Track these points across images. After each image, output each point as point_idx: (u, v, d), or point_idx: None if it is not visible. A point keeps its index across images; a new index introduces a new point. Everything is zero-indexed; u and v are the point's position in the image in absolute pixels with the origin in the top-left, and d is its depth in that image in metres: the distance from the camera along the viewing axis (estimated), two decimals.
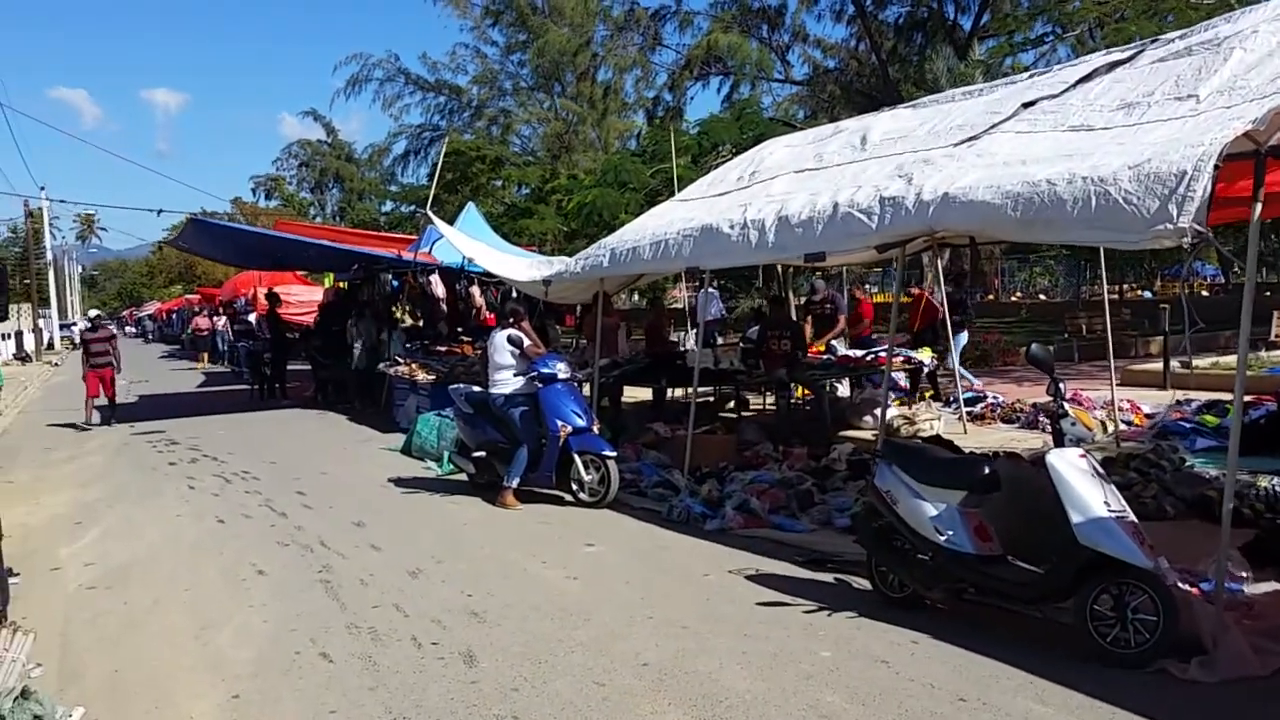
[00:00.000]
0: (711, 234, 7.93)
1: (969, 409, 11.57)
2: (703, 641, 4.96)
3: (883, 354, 10.76)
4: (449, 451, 9.91)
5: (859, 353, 12.16)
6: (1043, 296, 36.70)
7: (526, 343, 8.68)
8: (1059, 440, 4.69)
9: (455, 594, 5.94)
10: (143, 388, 22.83)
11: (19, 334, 41.25)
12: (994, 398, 12.17)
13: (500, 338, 8.77)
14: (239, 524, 8.21)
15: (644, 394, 12.72)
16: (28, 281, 44.61)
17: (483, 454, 8.82)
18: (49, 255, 53.29)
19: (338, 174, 60.77)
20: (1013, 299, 36.77)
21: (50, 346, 46.84)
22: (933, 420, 10.55)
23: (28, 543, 7.70)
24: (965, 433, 10.62)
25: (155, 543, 7.65)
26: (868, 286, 40.70)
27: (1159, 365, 14.30)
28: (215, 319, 28.98)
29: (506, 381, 8.71)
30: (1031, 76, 7.37)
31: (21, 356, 38.41)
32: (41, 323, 45.53)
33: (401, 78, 46.12)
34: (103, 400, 15.40)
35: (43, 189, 57.84)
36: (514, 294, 14.76)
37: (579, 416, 8.40)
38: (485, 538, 7.38)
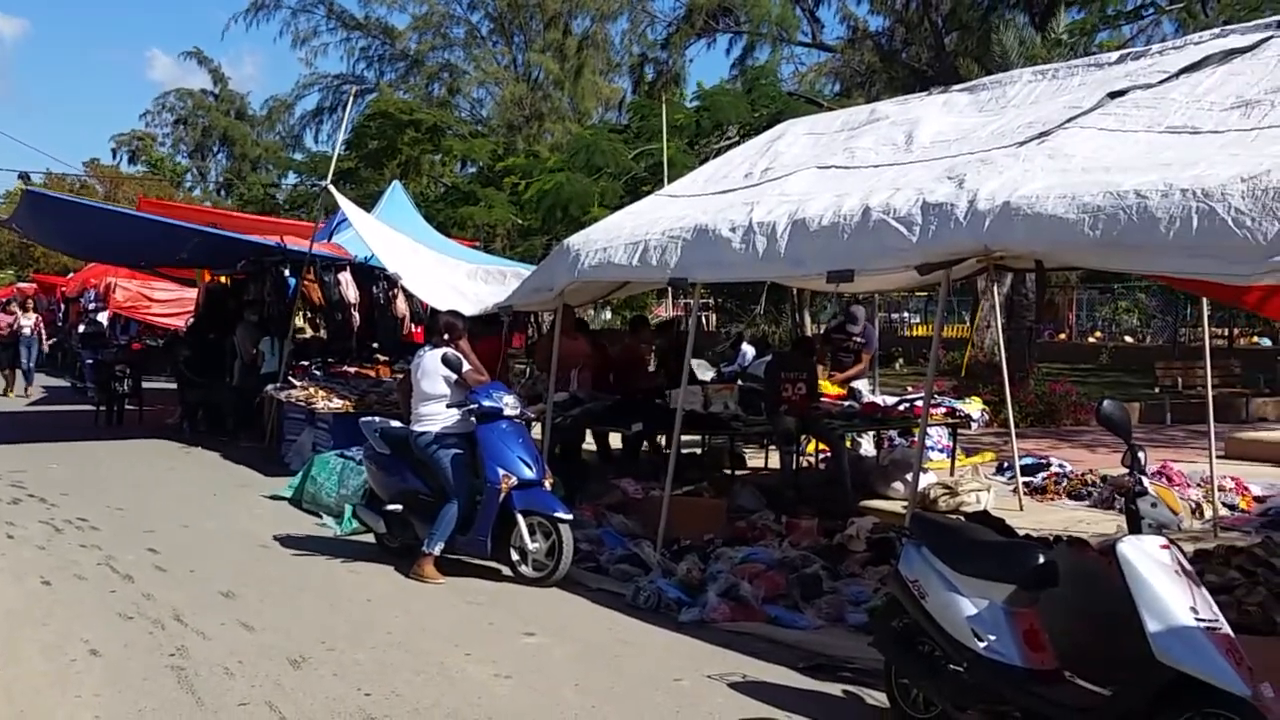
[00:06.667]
0: (706, 237, 8.01)
1: (1028, 479, 11.67)
2: None
3: (918, 403, 10.83)
4: (353, 504, 9.88)
5: (891, 400, 12.25)
6: (1129, 339, 36.91)
7: (466, 366, 8.68)
8: (1135, 525, 4.72)
9: (349, 691, 5.93)
10: None
11: None
12: (1060, 466, 12.28)
13: (431, 359, 8.77)
14: (70, 587, 8.16)
15: (611, 440, 12.73)
16: None
17: (399, 508, 8.78)
18: None
19: (225, 134, 60.70)
20: (1090, 340, 37.02)
21: None
22: (980, 492, 10.62)
23: None
24: (1021, 509, 10.70)
25: None
26: (906, 316, 41.03)
27: (1277, 434, 14.44)
28: (19, 313, 25.42)
29: (436, 416, 8.72)
30: (1123, 58, 7.53)
31: None
32: None
33: (321, 8, 46.07)
34: None
35: None
36: None
37: (527, 466, 8.40)
38: (394, 619, 7.36)
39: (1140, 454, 5.02)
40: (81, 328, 26.06)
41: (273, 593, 8.02)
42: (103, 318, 25.13)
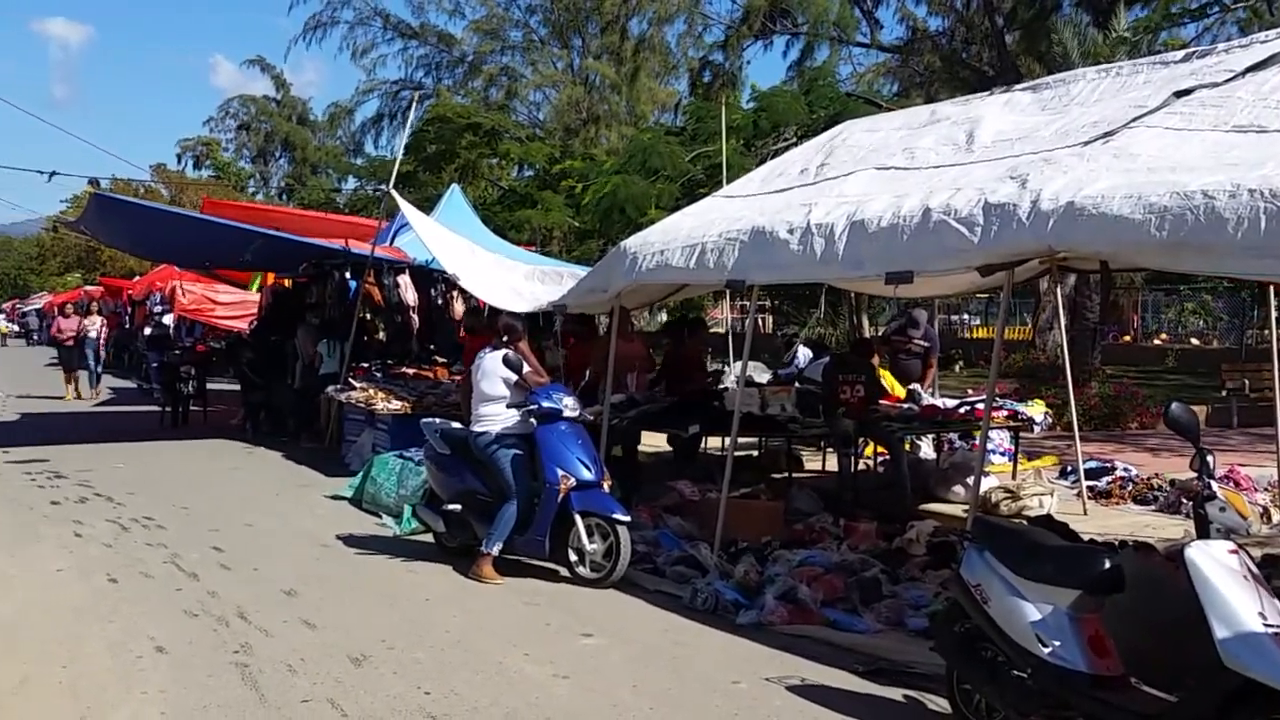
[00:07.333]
0: (763, 239, 7.98)
1: (1092, 483, 11.52)
2: None
3: (979, 406, 10.73)
4: (412, 504, 9.95)
5: (951, 402, 12.15)
6: (1195, 341, 36.36)
7: (526, 368, 8.73)
8: (1203, 529, 4.65)
9: (409, 690, 5.97)
10: (24, 403, 23.05)
11: None
12: (1125, 470, 12.11)
13: (492, 360, 8.82)
14: (136, 584, 8.28)
15: (666, 442, 12.72)
16: None
17: (458, 508, 8.83)
18: None
19: (287, 140, 61.51)
20: (1155, 342, 36.52)
21: None
22: (1043, 495, 10.50)
23: None
24: (1085, 513, 10.56)
25: (27, 604, 7.73)
26: (966, 318, 40.67)
27: None
28: (85, 319, 25.60)
29: (496, 416, 8.76)
30: (1188, 57, 7.43)
31: None
32: None
33: (378, 20, 46.64)
34: None
35: None
36: None
37: (586, 467, 8.41)
38: (453, 619, 7.41)
39: (1209, 458, 4.95)
40: (147, 330, 26.40)
41: (334, 591, 8.09)
42: (168, 320, 25.42)
